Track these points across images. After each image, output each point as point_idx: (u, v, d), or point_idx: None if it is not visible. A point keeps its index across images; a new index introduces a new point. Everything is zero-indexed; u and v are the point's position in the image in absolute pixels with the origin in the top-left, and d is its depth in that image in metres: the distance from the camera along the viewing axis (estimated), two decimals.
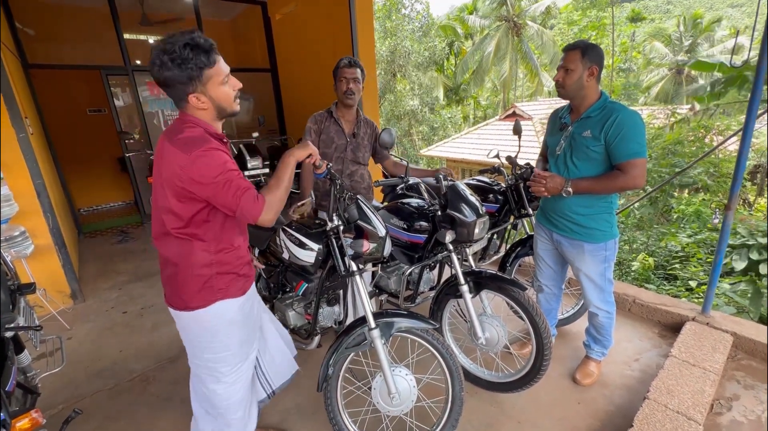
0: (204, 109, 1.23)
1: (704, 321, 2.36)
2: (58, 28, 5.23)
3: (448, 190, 1.97)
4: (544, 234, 2.07)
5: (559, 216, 1.92)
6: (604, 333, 2.06)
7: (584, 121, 1.76)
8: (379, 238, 1.71)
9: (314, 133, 2.35)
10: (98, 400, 2.13)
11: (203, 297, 1.30)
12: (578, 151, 1.78)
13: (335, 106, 2.36)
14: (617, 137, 1.65)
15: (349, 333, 1.67)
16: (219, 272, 1.31)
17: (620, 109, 1.68)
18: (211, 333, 1.36)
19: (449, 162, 14.57)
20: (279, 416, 1.98)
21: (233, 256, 1.35)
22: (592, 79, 1.72)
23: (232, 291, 1.35)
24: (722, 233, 2.22)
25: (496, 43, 18.04)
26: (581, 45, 1.72)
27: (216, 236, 1.30)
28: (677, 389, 1.89)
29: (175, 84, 1.17)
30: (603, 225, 1.84)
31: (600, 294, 1.97)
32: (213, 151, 1.16)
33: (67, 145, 5.43)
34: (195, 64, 1.14)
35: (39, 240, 2.90)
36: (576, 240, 1.90)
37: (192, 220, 1.24)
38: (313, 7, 4.97)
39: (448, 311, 2.15)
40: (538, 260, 2.18)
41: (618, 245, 1.93)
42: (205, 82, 1.18)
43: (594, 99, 1.76)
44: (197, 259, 1.28)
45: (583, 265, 1.93)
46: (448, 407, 1.68)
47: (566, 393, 2.05)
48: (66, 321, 2.90)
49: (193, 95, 1.19)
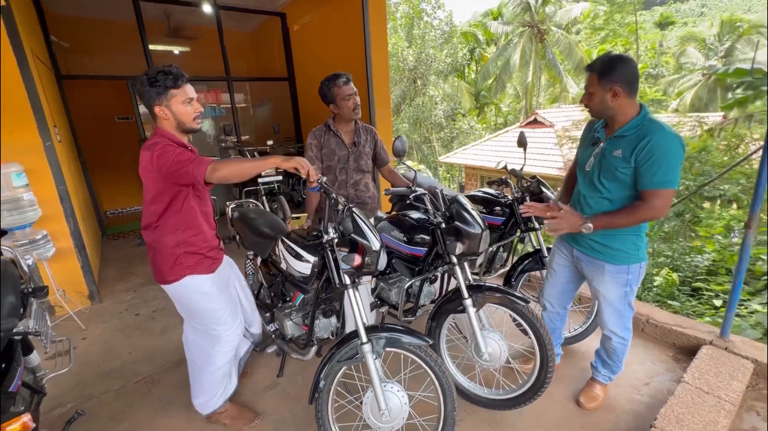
0: (166, 119, 1.59)
1: (722, 345, 2.23)
2: (89, 41, 5.53)
3: (454, 203, 1.96)
4: (564, 249, 1.95)
5: (584, 234, 1.75)
6: (615, 359, 1.95)
7: (617, 139, 1.63)
8: (374, 252, 1.70)
9: (315, 147, 2.38)
10: (105, 401, 2.21)
11: (176, 272, 1.66)
12: (607, 170, 1.66)
13: (332, 120, 2.39)
14: (647, 162, 1.52)
15: (341, 346, 1.66)
16: (186, 251, 1.66)
17: (656, 131, 1.52)
18: (190, 301, 1.73)
19: (468, 169, 14.43)
20: (274, 425, 1.99)
21: (199, 239, 1.69)
22: (617, 99, 1.57)
23: (200, 268, 1.70)
24: (742, 252, 2.09)
25: (521, 50, 17.81)
26: (598, 67, 1.59)
27: (183, 223, 1.64)
28: (687, 418, 1.78)
29: (146, 97, 1.56)
30: (628, 247, 1.71)
31: (618, 319, 1.85)
32: (167, 146, 1.51)
33: (95, 150, 5.71)
34: (162, 84, 1.53)
35: (60, 243, 3.05)
36: (597, 260, 1.78)
37: (164, 213, 1.61)
38: (329, 18, 5.06)
39: (446, 327, 2.11)
40: (551, 275, 2.07)
41: (645, 270, 1.79)
42: (169, 98, 1.56)
43: (630, 116, 1.60)
44: (168, 241, 1.64)
45: (602, 287, 1.81)
46: (439, 426, 1.64)
47: (569, 416, 1.97)
48: (82, 321, 3.02)
49: (157, 107, 1.56)
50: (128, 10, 4.95)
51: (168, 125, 1.60)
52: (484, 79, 19.29)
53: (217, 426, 2.00)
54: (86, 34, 5.47)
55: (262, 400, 2.16)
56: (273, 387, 2.27)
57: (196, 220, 1.68)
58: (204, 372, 1.87)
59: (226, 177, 1.46)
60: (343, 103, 2.27)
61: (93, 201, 5.21)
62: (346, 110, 2.29)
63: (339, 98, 2.27)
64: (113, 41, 5.57)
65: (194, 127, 1.64)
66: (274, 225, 2.24)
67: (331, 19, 5.03)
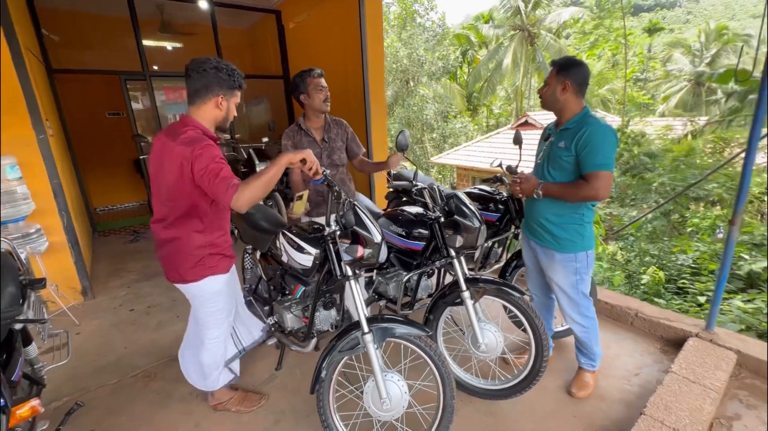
0: (219, 110, 1.60)
1: (708, 337, 2.32)
2: (82, 35, 5.46)
3: (452, 199, 2.02)
4: (526, 242, 2.14)
5: (535, 224, 1.98)
6: (587, 346, 2.06)
7: (562, 132, 1.83)
8: (375, 244, 1.74)
9: (291, 147, 2.41)
10: (101, 394, 2.20)
11: (197, 273, 1.65)
12: (553, 160, 1.86)
13: (303, 118, 2.43)
14: (585, 149, 1.71)
15: (343, 337, 1.69)
16: (210, 253, 1.66)
17: (592, 123, 1.74)
18: (201, 300, 1.74)
19: (460, 169, 14.55)
20: (274, 417, 2.01)
21: (223, 240, 1.70)
22: (566, 94, 1.79)
23: (220, 268, 1.71)
24: (726, 248, 2.18)
25: (512, 53, 18.02)
26: (558, 62, 1.83)
27: (211, 224, 1.64)
28: (675, 406, 1.86)
29: (214, 85, 1.55)
30: (574, 236, 1.88)
31: (574, 306, 1.98)
32: (210, 147, 1.47)
33: (85, 146, 5.62)
34: (236, 80, 1.60)
35: (53, 237, 3.01)
36: (548, 249, 1.95)
37: (188, 211, 1.57)
38: (325, 16, 5.08)
39: (442, 320, 2.15)
40: (527, 268, 2.23)
41: (593, 259, 1.94)
42: (231, 95, 1.62)
43: (574, 112, 1.82)
44: (194, 242, 1.62)
45: (554, 275, 1.97)
46: (438, 415, 1.69)
47: (562, 406, 2.03)
48: (75, 316, 2.99)
49: (220, 96, 1.57)
50: (122, 4, 4.90)
51: (212, 115, 1.60)
52: (476, 81, 19.47)
53: (219, 415, 2.01)
54: (78, 28, 5.40)
55: (262, 392, 2.17)
56: (272, 379, 2.28)
57: (223, 221, 1.70)
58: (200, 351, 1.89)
59: (253, 199, 1.41)
60: (314, 94, 2.31)
61: (84, 196, 5.14)
62: (316, 101, 2.32)
63: (311, 88, 2.31)
64: (106, 36, 5.51)
65: (227, 127, 1.75)
66: (273, 219, 2.25)
67: (326, 18, 5.05)
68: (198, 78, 1.54)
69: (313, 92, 2.31)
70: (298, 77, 2.33)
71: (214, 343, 1.85)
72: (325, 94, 2.33)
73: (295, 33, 5.96)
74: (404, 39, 17.60)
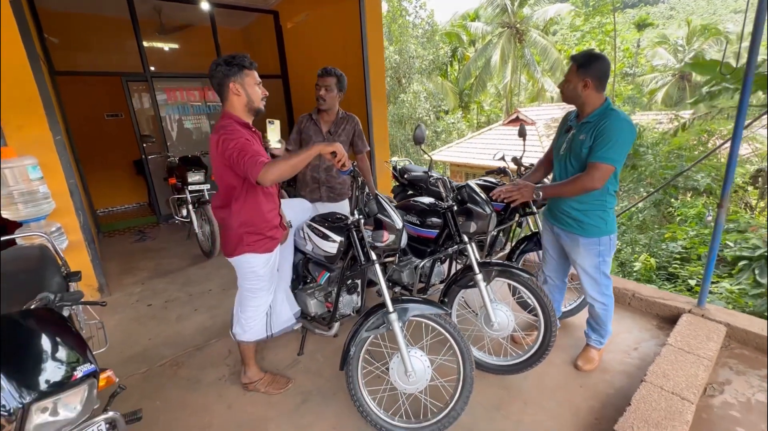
0: (238, 95, 1.71)
1: (699, 313, 2.50)
2: (83, 37, 5.48)
3: (465, 189, 2.18)
4: (548, 227, 2.24)
5: (559, 211, 2.08)
6: (601, 324, 2.20)
7: (584, 125, 1.90)
8: (397, 230, 1.88)
9: (296, 132, 2.70)
10: (133, 382, 2.30)
11: (238, 249, 1.84)
12: (574, 152, 1.93)
13: (316, 110, 2.68)
14: (599, 138, 1.79)
15: (368, 317, 1.82)
16: (247, 232, 1.82)
17: (613, 117, 1.80)
18: (242, 273, 1.93)
19: (453, 166, 14.74)
20: (301, 397, 2.13)
21: (260, 220, 1.83)
22: (587, 90, 1.84)
23: (258, 247, 1.85)
24: (715, 229, 2.36)
25: (500, 50, 18.25)
26: (579, 59, 1.85)
27: (246, 206, 1.79)
28: (672, 373, 2.03)
29: (223, 78, 1.68)
30: (597, 221, 1.98)
31: (595, 286, 2.11)
32: (233, 130, 1.66)
33: (86, 147, 5.65)
34: (240, 63, 1.69)
35: (71, 236, 3.08)
36: (572, 234, 2.05)
37: (231, 194, 1.76)
38: (323, 15, 5.18)
39: (456, 303, 2.30)
40: (545, 252, 2.34)
41: (615, 242, 2.06)
42: (243, 77, 1.71)
43: (595, 106, 1.87)
44: (233, 222, 1.81)
45: (579, 257, 2.08)
46: (459, 385, 1.83)
47: (569, 378, 2.19)
48: (95, 312, 3.06)
49: (233, 83, 1.69)
50: (122, 6, 4.94)
51: (238, 102, 1.73)
52: (466, 78, 19.68)
53: (250, 396, 2.13)
54: (80, 30, 5.41)
55: (287, 376, 2.30)
56: (295, 364, 2.41)
57: (257, 203, 1.81)
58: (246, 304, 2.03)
59: (279, 177, 1.56)
60: (317, 92, 2.58)
61: (88, 198, 5.17)
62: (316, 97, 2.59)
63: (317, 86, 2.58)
64: (106, 37, 5.52)
65: (261, 107, 1.79)
66: None
67: (325, 17, 5.15)
68: (213, 81, 1.72)
69: (317, 90, 2.58)
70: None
71: (253, 311, 2.01)
72: (317, 92, 2.58)
73: (294, 32, 6.05)
74: (395, 35, 17.73)
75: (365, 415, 1.85)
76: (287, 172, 1.58)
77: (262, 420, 2.00)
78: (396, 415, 1.89)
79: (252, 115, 1.80)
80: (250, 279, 1.93)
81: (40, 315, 1.22)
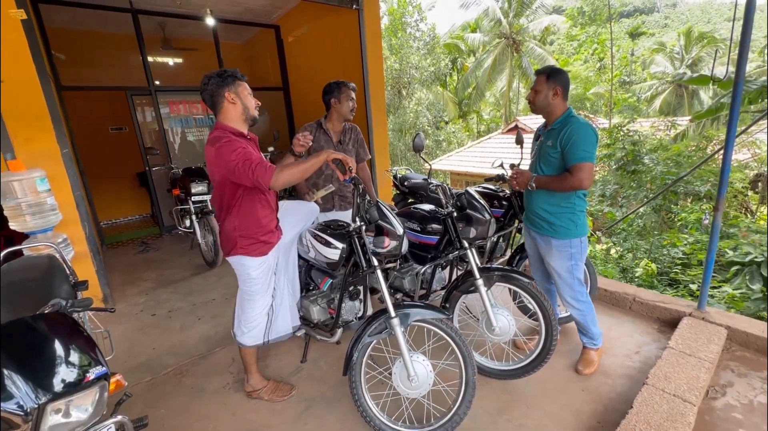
0: (233, 104, 1.78)
1: (700, 316, 2.51)
2: (89, 53, 5.61)
3: (464, 195, 2.23)
4: (527, 232, 2.34)
5: (533, 215, 2.18)
6: (584, 327, 2.25)
7: (550, 132, 2.05)
8: (398, 236, 1.91)
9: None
10: (138, 390, 2.31)
11: (233, 250, 1.90)
12: (544, 158, 2.08)
13: (325, 119, 2.68)
14: (568, 144, 1.93)
15: (371, 322, 1.85)
16: (241, 235, 1.88)
17: (574, 122, 1.96)
18: (238, 274, 1.99)
19: (453, 175, 14.82)
20: (305, 403, 2.15)
21: (255, 225, 1.88)
22: (556, 98, 2.02)
23: (251, 251, 1.90)
24: (712, 232, 2.39)
25: (495, 59, 18.50)
26: (546, 71, 2.04)
27: (240, 211, 1.84)
28: (674, 376, 2.04)
29: (216, 89, 1.75)
30: (567, 224, 2.08)
31: (569, 290, 2.17)
32: (229, 141, 1.69)
33: (91, 160, 5.73)
34: (232, 75, 1.78)
35: (77, 247, 3.13)
36: (545, 236, 2.15)
37: (225, 202, 1.84)
38: (323, 29, 5.30)
39: (457, 308, 2.32)
40: (530, 257, 2.44)
41: (587, 246, 2.15)
42: (237, 87, 1.79)
43: (559, 114, 2.04)
44: (228, 225, 1.88)
45: (552, 260, 2.17)
46: (462, 390, 1.84)
47: (571, 383, 2.20)
48: (100, 322, 3.08)
49: (228, 93, 1.76)
50: (127, 23, 5.07)
51: (234, 111, 1.79)
52: (465, 88, 19.92)
53: (253, 404, 2.14)
54: (85, 47, 5.54)
55: (290, 383, 2.31)
56: (298, 371, 2.42)
57: (253, 209, 1.87)
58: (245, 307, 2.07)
59: (288, 181, 1.65)
60: (344, 101, 2.58)
61: (92, 210, 5.23)
62: (345, 107, 2.59)
63: (343, 95, 2.58)
64: (111, 53, 5.66)
65: (256, 115, 1.87)
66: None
67: (325, 31, 5.27)
68: (206, 94, 1.78)
69: (344, 100, 2.58)
70: (335, 84, 2.59)
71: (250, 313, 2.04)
72: (353, 104, 2.59)
73: (295, 46, 6.18)
74: (395, 47, 18.01)
75: (368, 420, 1.86)
76: (297, 177, 1.67)
77: (266, 427, 2.01)
78: (399, 420, 1.91)
79: (248, 123, 1.86)
80: (245, 281, 1.98)
81: (53, 319, 1.26)
